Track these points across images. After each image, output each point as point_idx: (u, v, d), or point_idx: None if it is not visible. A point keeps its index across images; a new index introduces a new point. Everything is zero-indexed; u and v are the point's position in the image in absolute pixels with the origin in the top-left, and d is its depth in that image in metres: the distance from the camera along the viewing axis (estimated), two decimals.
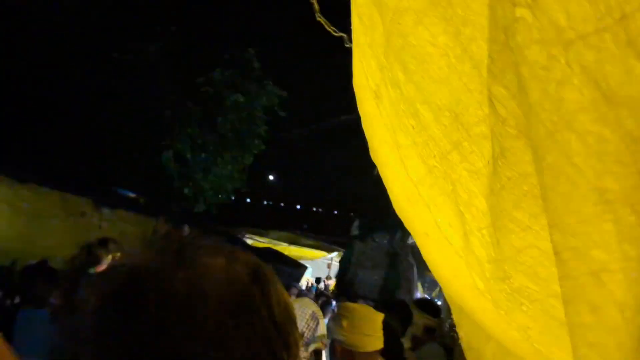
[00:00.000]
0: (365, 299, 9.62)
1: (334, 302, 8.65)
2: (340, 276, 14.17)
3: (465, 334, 1.82)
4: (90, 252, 1.58)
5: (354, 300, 8.11)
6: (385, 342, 2.89)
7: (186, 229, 11.78)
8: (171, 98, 10.72)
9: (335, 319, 2.15)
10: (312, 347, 2.08)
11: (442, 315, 4.70)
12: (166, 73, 10.92)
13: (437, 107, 0.94)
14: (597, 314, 0.65)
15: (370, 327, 2.26)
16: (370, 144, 1.60)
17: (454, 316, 1.93)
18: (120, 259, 0.67)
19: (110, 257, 1.62)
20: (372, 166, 1.63)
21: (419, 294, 15.96)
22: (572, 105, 0.56)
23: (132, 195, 12.60)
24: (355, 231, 12.94)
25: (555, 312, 0.97)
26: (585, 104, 0.55)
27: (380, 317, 2.33)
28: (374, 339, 2.25)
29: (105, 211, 10.23)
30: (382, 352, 2.70)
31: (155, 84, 10.67)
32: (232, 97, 11.17)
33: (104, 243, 3.35)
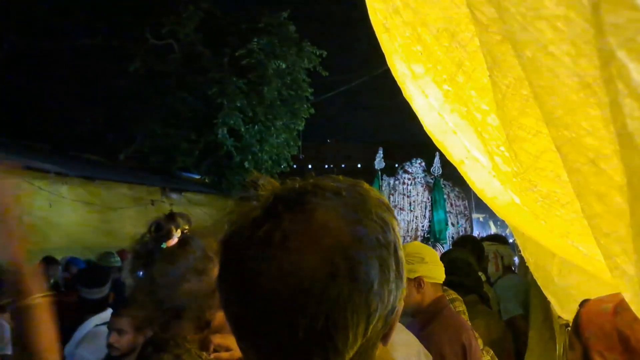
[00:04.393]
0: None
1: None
2: None
3: (530, 255, 1.81)
4: (159, 228, 1.64)
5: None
6: (464, 276, 2.95)
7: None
8: (215, 75, 10.87)
9: None
10: None
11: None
12: (205, 51, 11.07)
13: (435, 28, 0.93)
14: (604, 202, 0.65)
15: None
16: (397, 81, 1.59)
17: (517, 240, 1.92)
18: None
19: (179, 231, 1.66)
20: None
21: (492, 232, 15.39)
22: None
23: (196, 177, 13.07)
24: (379, 163, 9.32)
25: None
26: None
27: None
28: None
29: (174, 196, 10.73)
30: (461, 286, 2.75)
31: (197, 63, 10.85)
32: (273, 64, 11.18)
33: (171, 217, 3.54)
